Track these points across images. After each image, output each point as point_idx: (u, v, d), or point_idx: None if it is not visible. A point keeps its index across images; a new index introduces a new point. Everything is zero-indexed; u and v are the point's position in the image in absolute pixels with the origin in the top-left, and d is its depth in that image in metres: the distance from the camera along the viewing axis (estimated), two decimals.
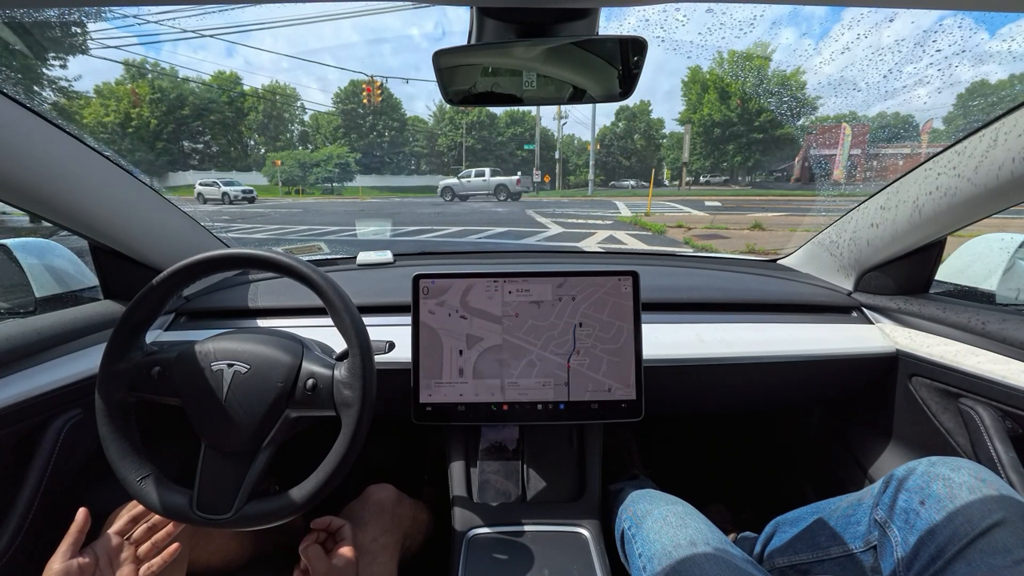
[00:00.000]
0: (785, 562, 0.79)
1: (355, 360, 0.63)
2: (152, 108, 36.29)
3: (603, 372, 0.86)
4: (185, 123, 38.06)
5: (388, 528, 0.83)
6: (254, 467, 0.63)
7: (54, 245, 1.18)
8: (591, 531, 0.86)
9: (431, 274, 0.87)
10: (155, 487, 0.63)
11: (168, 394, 0.65)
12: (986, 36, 33.49)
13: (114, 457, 0.63)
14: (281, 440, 0.65)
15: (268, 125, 43.89)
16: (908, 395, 0.96)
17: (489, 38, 0.50)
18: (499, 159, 45.84)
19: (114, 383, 0.65)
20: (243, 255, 0.66)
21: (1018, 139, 0.66)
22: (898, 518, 0.63)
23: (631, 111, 49.63)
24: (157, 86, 37.33)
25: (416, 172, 49.84)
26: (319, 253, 1.41)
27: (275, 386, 0.64)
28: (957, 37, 6.30)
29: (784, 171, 30.61)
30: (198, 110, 39.05)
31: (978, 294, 1.16)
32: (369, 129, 46.11)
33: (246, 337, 0.68)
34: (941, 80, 12.73)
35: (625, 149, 50.94)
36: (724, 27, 10.41)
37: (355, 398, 0.62)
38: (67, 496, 0.78)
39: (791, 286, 1.17)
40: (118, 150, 0.84)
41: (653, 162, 49.06)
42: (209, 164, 40.52)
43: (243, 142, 43.00)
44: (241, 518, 0.62)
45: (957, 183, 0.78)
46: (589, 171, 25.31)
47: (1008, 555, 0.52)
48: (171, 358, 0.66)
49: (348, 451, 0.62)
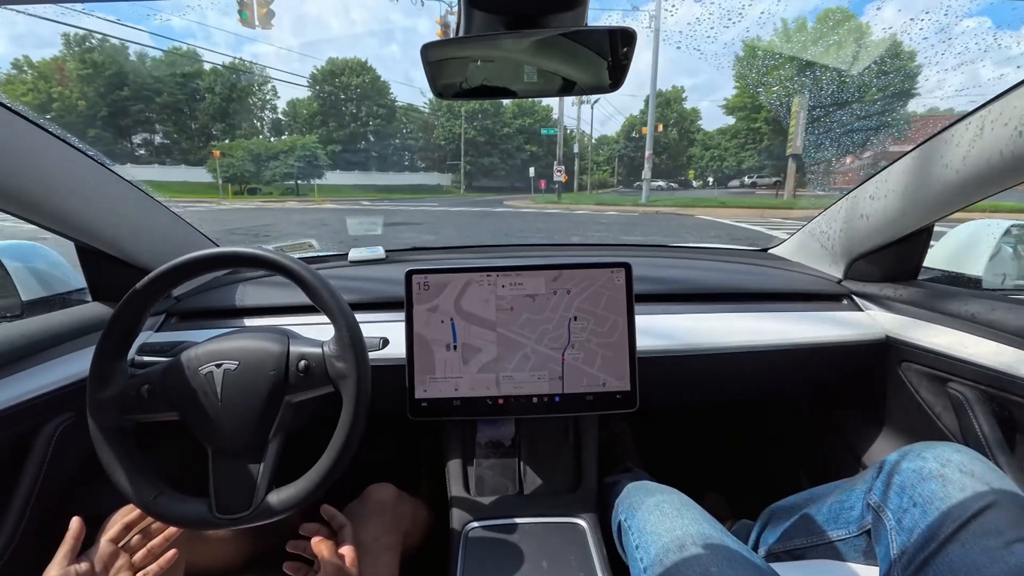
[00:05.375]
0: (780, 548, 0.80)
1: (341, 332, 0.63)
2: (82, 87, 29.36)
3: (597, 367, 0.86)
4: (125, 107, 30.91)
5: (389, 528, 0.83)
6: (266, 460, 0.63)
7: (40, 247, 1.16)
8: (588, 523, 0.87)
9: (424, 269, 0.86)
10: (171, 502, 0.62)
11: (163, 410, 0.64)
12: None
13: (123, 483, 0.62)
14: (288, 428, 0.65)
15: (228, 110, 35.76)
16: (898, 381, 0.97)
17: (478, 30, 0.50)
18: (504, 154, 41.78)
19: (105, 411, 0.63)
20: (232, 254, 0.65)
21: (1004, 128, 0.67)
22: (891, 502, 0.64)
23: (664, 96, 41.58)
24: (89, 60, 29.52)
25: (409, 168, 44.77)
26: (310, 250, 1.41)
27: (268, 375, 0.63)
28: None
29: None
30: (141, 91, 31.68)
31: (965, 280, 1.17)
32: (352, 118, 39.85)
33: (229, 336, 0.68)
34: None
35: (656, 142, 42.54)
36: (713, 16, 10.29)
37: (349, 368, 0.62)
38: (61, 501, 0.77)
39: (783, 275, 1.18)
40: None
41: (682, 160, 43.22)
42: (155, 157, 33.99)
43: (198, 131, 35.26)
44: (262, 512, 0.61)
45: (945, 172, 0.79)
46: (645, 167, 16.59)
47: (1000, 536, 0.53)
48: (158, 374, 0.65)
49: (354, 422, 0.61)
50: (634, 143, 43.38)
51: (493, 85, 0.61)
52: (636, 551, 0.73)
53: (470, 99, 0.62)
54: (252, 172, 27.78)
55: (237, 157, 27.38)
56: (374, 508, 0.85)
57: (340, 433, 0.62)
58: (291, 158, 27.85)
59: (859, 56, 17.43)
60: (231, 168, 27.25)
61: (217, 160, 27.05)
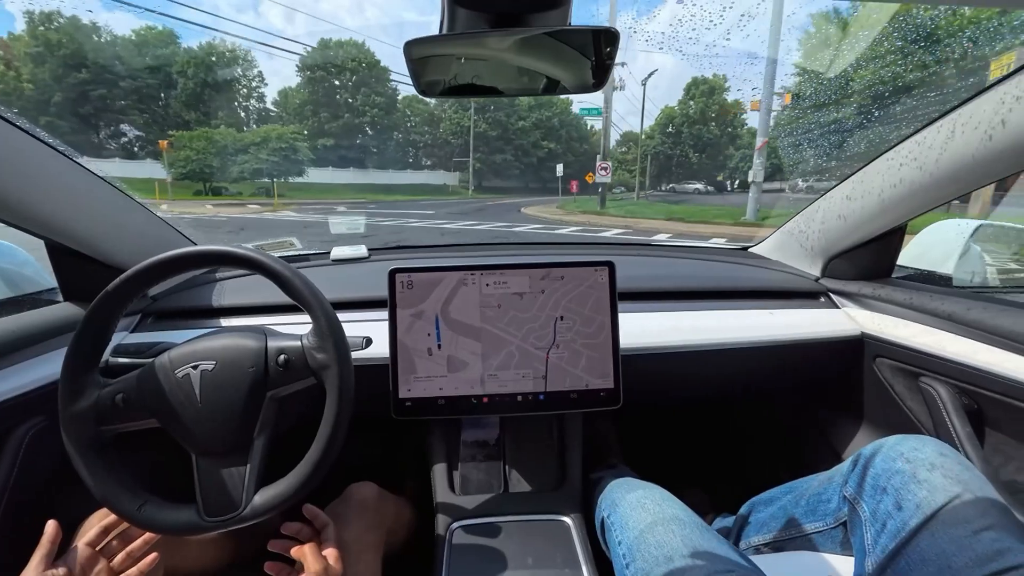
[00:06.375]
0: (760, 541, 0.82)
1: (319, 323, 0.62)
2: (33, 67, 24.36)
3: (582, 367, 0.86)
4: (85, 92, 25.65)
5: (371, 526, 0.83)
6: (252, 459, 0.62)
7: (7, 246, 1.12)
8: (573, 520, 0.87)
9: (407, 268, 0.86)
10: (157, 511, 0.61)
11: (141, 418, 0.62)
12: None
13: (106, 496, 0.60)
14: (272, 425, 0.64)
15: (203, 97, 30.01)
16: (873, 376, 1.00)
17: (462, 27, 0.50)
18: (519, 150, 36.21)
19: (79, 424, 0.61)
20: (209, 253, 0.64)
21: (974, 131, 0.69)
22: (865, 495, 0.65)
23: (708, 85, 35.27)
24: (42, 37, 24.68)
25: (412, 166, 39.39)
26: (291, 249, 1.38)
27: (247, 372, 0.62)
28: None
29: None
30: (103, 74, 26.06)
31: (937, 278, 1.21)
32: (346, 107, 34.83)
33: (203, 337, 0.66)
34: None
35: (699, 139, 35.42)
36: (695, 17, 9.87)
37: (330, 358, 0.61)
38: (35, 506, 0.74)
39: (762, 273, 1.20)
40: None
41: (721, 159, 36.82)
42: (121, 151, 29.03)
43: (169, 122, 29.05)
44: (252, 512, 0.60)
45: (919, 175, 0.81)
46: (753, 166, 10.22)
47: (968, 526, 0.55)
48: (132, 381, 0.63)
49: (340, 411, 0.60)
50: (672, 139, 36.62)
51: (477, 83, 0.60)
52: (619, 547, 0.74)
53: (452, 97, 0.62)
54: (214, 168, 22.56)
55: (196, 149, 21.92)
56: (356, 507, 0.84)
57: (326, 425, 0.61)
58: (263, 151, 22.54)
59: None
60: (188, 163, 21.98)
61: (165, 152, 21.80)
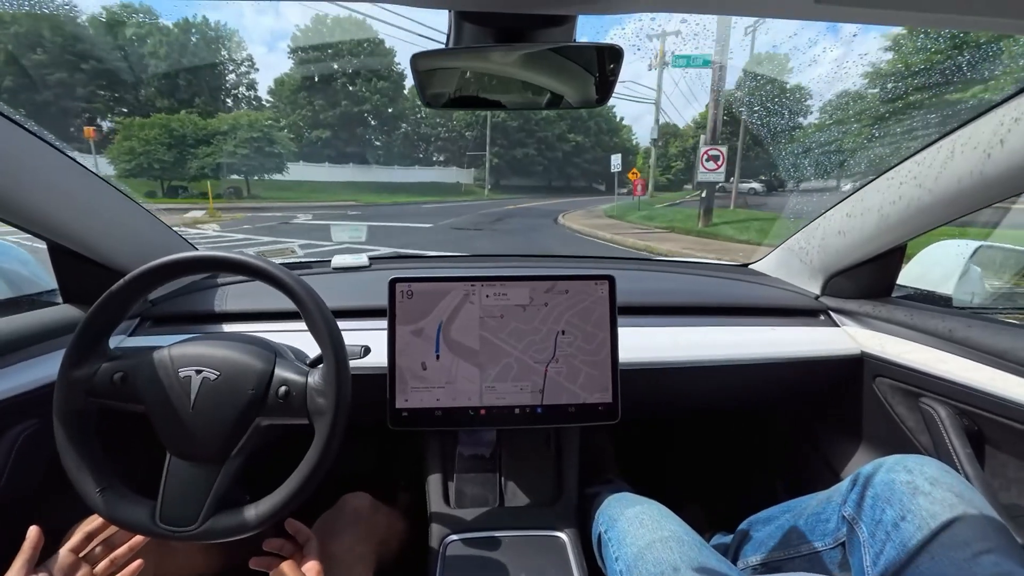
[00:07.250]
0: (758, 560, 0.81)
1: (329, 367, 0.62)
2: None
3: (580, 384, 0.86)
4: (43, 76, 21.83)
5: (363, 537, 0.82)
6: (223, 477, 0.61)
7: (7, 246, 1.12)
8: (568, 535, 0.86)
9: (407, 277, 0.86)
10: (115, 499, 0.60)
11: (131, 401, 0.63)
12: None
13: (71, 467, 0.60)
14: (251, 449, 0.63)
15: (178, 82, 25.75)
16: (873, 395, 1.00)
17: (468, 42, 0.50)
18: (542, 144, 33.23)
19: (73, 390, 0.62)
20: (213, 258, 0.64)
21: (973, 151, 0.70)
22: (865, 515, 0.65)
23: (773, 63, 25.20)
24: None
25: (421, 162, 34.93)
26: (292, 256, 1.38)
27: (246, 393, 0.62)
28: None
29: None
30: (62, 53, 22.03)
31: (936, 298, 1.21)
32: (345, 94, 30.15)
33: (215, 342, 0.66)
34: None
35: (769, 125, 19.99)
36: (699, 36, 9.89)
37: (329, 406, 0.61)
38: (23, 511, 0.74)
39: (762, 290, 1.20)
40: None
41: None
42: (84, 143, 22.01)
43: (139, 112, 23.57)
44: (207, 531, 0.59)
45: (919, 193, 0.81)
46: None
47: (968, 548, 0.54)
48: (135, 364, 0.63)
49: (320, 461, 0.60)
50: (726, 128, 26.46)
51: (482, 96, 0.61)
52: (616, 563, 0.73)
53: (459, 108, 0.62)
54: (167, 163, 18.15)
55: (143, 139, 17.86)
56: (348, 518, 0.83)
57: (303, 468, 0.60)
58: (230, 142, 18.48)
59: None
60: (133, 156, 17.85)
61: (92, 140, 16.69)
